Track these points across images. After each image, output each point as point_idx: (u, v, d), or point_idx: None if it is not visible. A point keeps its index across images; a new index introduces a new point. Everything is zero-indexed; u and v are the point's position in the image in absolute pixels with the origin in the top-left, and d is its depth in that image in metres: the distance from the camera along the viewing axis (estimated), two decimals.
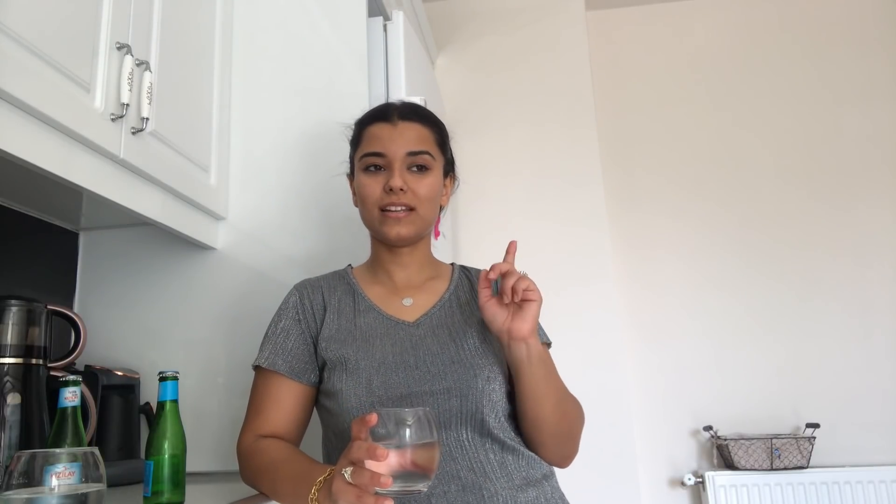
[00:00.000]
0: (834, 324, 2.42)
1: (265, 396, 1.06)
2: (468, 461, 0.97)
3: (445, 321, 1.08)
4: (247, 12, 1.62)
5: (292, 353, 1.07)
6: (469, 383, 1.00)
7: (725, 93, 2.66)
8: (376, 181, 1.07)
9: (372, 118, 1.13)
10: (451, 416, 0.99)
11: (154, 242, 1.53)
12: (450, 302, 1.12)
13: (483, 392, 1.00)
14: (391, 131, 1.09)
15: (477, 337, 1.06)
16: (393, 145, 1.07)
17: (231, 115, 1.56)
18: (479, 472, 0.96)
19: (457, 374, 1.00)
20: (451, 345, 1.04)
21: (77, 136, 1.01)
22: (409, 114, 1.12)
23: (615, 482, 2.19)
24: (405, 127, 1.09)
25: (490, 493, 0.94)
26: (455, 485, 0.94)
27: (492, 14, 2.67)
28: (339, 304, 1.11)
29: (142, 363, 1.44)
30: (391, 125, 1.09)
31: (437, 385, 0.99)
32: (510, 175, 2.50)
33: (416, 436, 0.76)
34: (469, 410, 0.99)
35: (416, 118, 1.12)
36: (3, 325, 1.03)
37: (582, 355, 2.30)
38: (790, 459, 2.23)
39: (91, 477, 0.73)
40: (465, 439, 0.98)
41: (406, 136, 1.09)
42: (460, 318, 1.09)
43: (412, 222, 1.08)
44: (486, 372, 1.02)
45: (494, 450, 1.00)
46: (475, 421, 0.99)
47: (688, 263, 2.54)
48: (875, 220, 2.48)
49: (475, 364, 1.02)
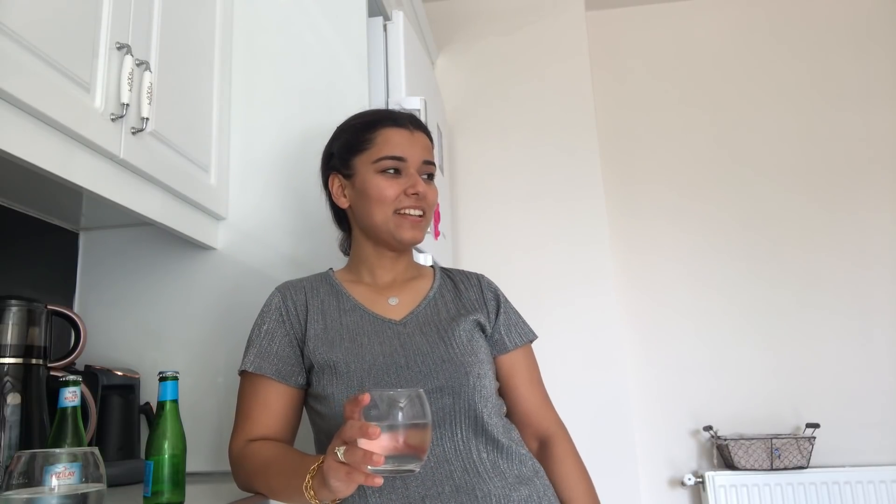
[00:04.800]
0: (834, 324, 2.42)
1: (253, 401, 1.06)
2: (461, 461, 0.97)
3: (432, 319, 1.09)
4: (247, 12, 1.62)
5: (278, 356, 1.06)
6: (461, 381, 1.00)
7: (725, 93, 2.66)
8: (395, 184, 1.09)
9: (385, 121, 1.13)
10: (444, 415, 0.99)
11: (154, 242, 1.53)
12: (435, 300, 1.13)
13: (475, 389, 1.00)
14: (410, 138, 1.12)
15: (465, 335, 1.06)
16: (413, 151, 1.11)
17: (231, 115, 1.56)
18: (473, 472, 0.97)
19: (448, 372, 1.01)
20: (440, 343, 1.04)
21: (77, 136, 1.01)
22: (418, 124, 1.16)
23: (615, 482, 2.19)
24: (419, 136, 1.14)
25: (484, 493, 0.95)
26: (449, 486, 0.95)
27: (492, 14, 2.67)
28: (322, 304, 1.11)
29: (142, 363, 1.44)
30: (409, 132, 1.12)
31: (429, 384, 0.99)
32: (510, 175, 2.50)
33: (409, 416, 0.77)
34: (462, 408, 0.99)
35: (423, 129, 1.17)
36: (3, 325, 1.03)
37: (582, 356, 2.30)
38: (790, 459, 2.23)
39: (91, 477, 0.73)
40: (458, 439, 0.99)
41: (421, 144, 1.13)
42: (446, 315, 1.10)
43: (423, 227, 1.12)
44: (476, 369, 1.02)
45: (488, 449, 1.00)
46: (469, 418, 1.00)
47: (687, 263, 2.54)
48: (875, 220, 2.48)
49: (466, 362, 1.02)
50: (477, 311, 1.12)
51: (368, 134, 1.13)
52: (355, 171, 1.13)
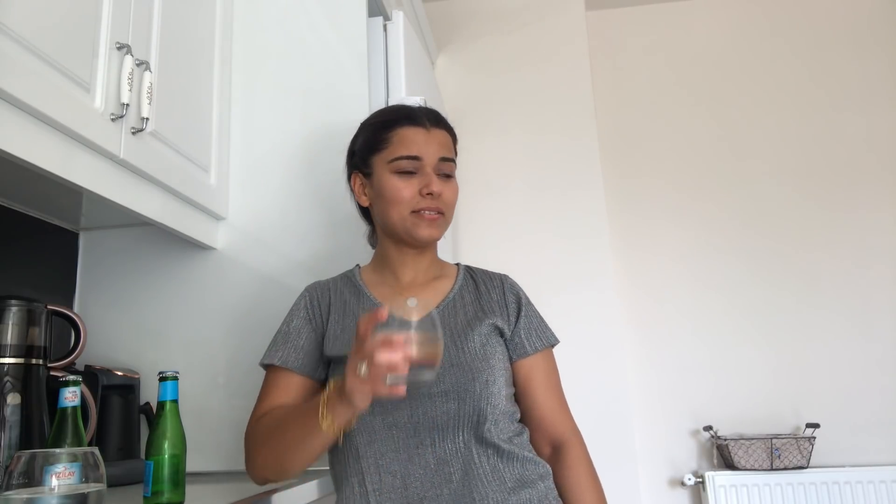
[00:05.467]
0: (834, 324, 2.42)
1: (275, 388, 1.08)
2: (461, 464, 0.98)
3: (448, 322, 1.09)
4: (247, 12, 1.62)
5: (304, 351, 1.08)
6: (466, 386, 1.00)
7: (725, 93, 2.66)
8: (411, 184, 1.08)
9: (401, 120, 1.12)
10: (448, 419, 0.99)
11: (154, 242, 1.53)
12: (454, 302, 1.12)
13: (481, 396, 1.00)
14: (426, 136, 1.11)
15: (479, 339, 1.06)
16: (428, 150, 1.10)
17: (231, 115, 1.56)
18: (472, 475, 0.97)
19: (455, 377, 1.00)
20: (452, 347, 1.04)
21: (77, 136, 1.01)
22: (437, 120, 1.15)
23: (615, 482, 2.18)
24: (437, 133, 1.12)
25: (481, 495, 0.96)
26: (447, 489, 0.96)
27: (492, 14, 2.67)
28: (344, 305, 1.12)
29: (142, 363, 1.44)
30: (426, 130, 1.11)
31: (436, 388, 0.99)
32: (510, 175, 2.50)
33: (422, 329, 0.82)
34: (466, 413, 0.99)
35: (443, 125, 1.15)
36: (3, 325, 1.03)
37: (582, 355, 2.29)
38: (790, 459, 2.23)
39: (91, 477, 0.73)
40: (460, 442, 0.99)
41: (438, 141, 1.12)
42: (464, 318, 1.10)
43: (441, 226, 1.11)
44: (484, 375, 1.02)
45: (489, 454, 1.00)
46: (471, 424, 1.00)
47: (687, 263, 2.54)
48: (875, 220, 2.48)
49: (474, 367, 1.02)
50: (496, 315, 1.11)
51: (385, 133, 1.12)
52: (373, 170, 1.13)
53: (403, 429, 0.99)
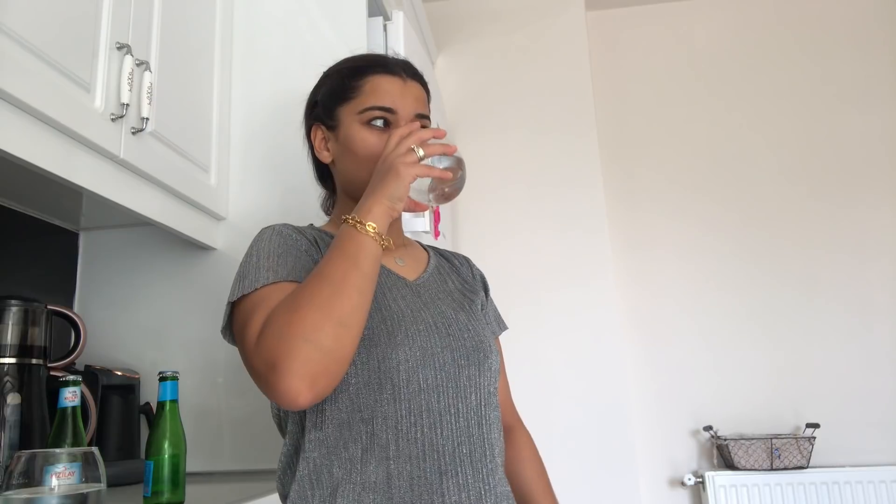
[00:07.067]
0: (834, 323, 2.42)
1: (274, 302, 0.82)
2: (480, 429, 0.90)
3: (443, 287, 1.01)
4: (247, 12, 1.62)
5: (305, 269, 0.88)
6: (486, 352, 0.94)
7: (725, 93, 2.66)
8: (383, 138, 0.94)
9: (374, 67, 1.00)
10: (469, 383, 0.90)
11: (154, 242, 1.53)
12: (438, 270, 1.05)
13: (493, 366, 0.95)
14: (402, 87, 0.99)
15: (478, 303, 1.03)
16: (405, 102, 0.98)
17: (231, 115, 1.56)
18: (487, 453, 0.89)
19: (474, 341, 0.93)
20: (461, 311, 0.96)
21: (77, 136, 1.01)
22: (413, 72, 1.03)
23: (615, 482, 2.19)
24: (413, 86, 1.01)
25: (489, 470, 0.88)
26: (467, 446, 0.87)
27: (492, 14, 2.67)
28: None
29: (142, 363, 1.44)
30: (402, 81, 0.99)
31: (459, 350, 0.90)
32: (510, 175, 2.50)
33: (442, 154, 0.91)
34: (482, 383, 0.92)
35: (418, 78, 1.03)
36: (3, 325, 1.03)
37: (582, 355, 2.29)
38: (790, 459, 2.23)
39: (91, 477, 0.73)
40: (472, 422, 0.90)
41: (414, 95, 1.00)
42: (454, 287, 1.03)
43: None
44: (493, 345, 0.97)
45: (497, 427, 0.94)
46: (485, 391, 0.92)
47: (688, 263, 2.54)
48: (875, 219, 2.49)
49: (486, 336, 0.96)
50: (474, 291, 1.06)
51: (355, 81, 0.99)
52: (339, 122, 1.00)
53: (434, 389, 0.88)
